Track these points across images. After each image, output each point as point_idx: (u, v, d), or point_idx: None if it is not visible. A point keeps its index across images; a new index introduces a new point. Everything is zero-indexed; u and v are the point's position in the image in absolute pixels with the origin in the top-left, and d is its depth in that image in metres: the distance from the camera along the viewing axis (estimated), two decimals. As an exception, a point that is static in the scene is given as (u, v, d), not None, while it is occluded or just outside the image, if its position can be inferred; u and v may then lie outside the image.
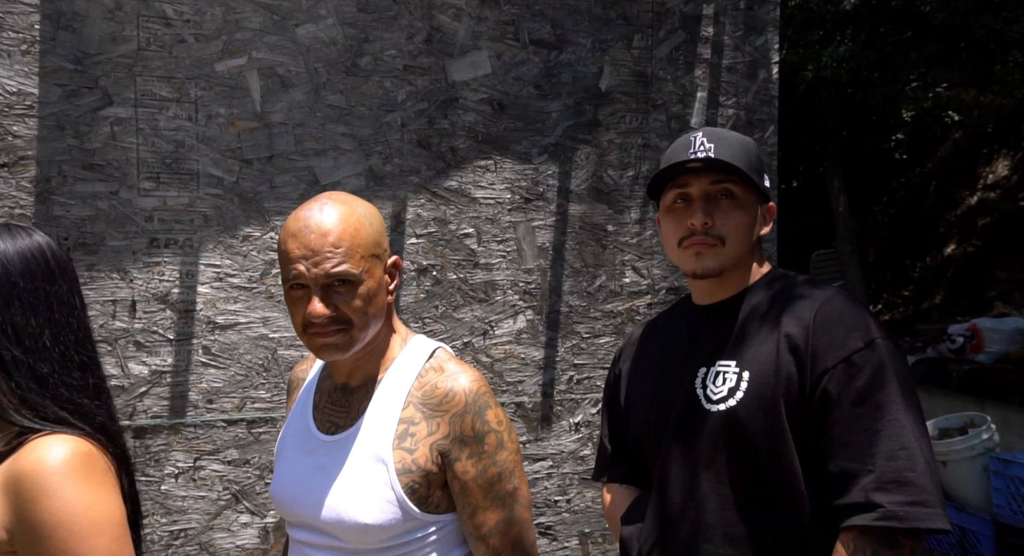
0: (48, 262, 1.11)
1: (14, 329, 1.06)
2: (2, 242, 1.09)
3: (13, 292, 1.07)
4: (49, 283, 1.10)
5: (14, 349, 1.06)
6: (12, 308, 1.07)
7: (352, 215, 1.16)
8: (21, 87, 2.00)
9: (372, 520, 1.14)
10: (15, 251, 1.09)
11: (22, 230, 1.13)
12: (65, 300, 1.12)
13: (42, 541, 0.99)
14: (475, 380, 1.19)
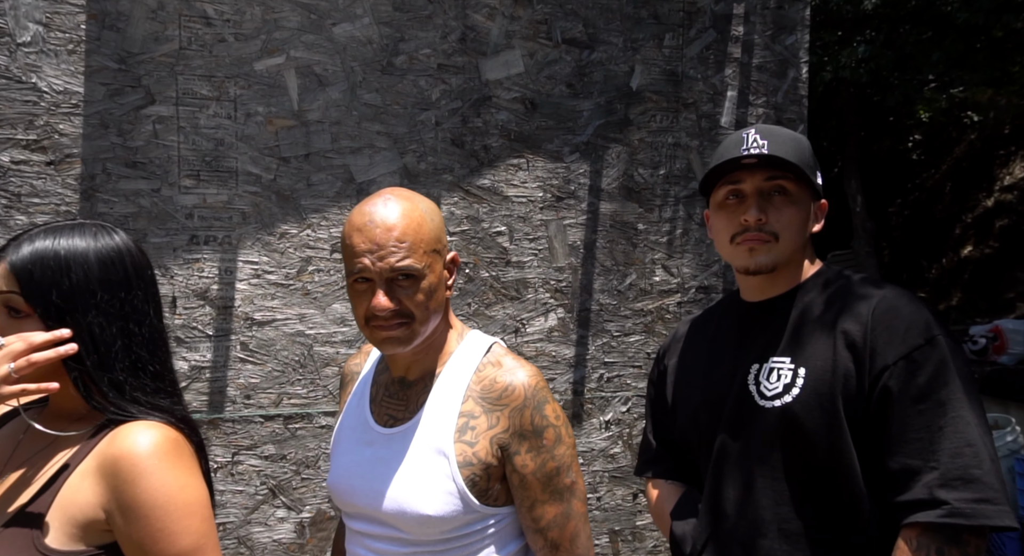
0: (126, 268, 1.13)
1: (91, 337, 1.08)
2: (84, 243, 1.11)
3: (91, 301, 1.09)
4: (125, 291, 1.12)
5: (93, 355, 1.08)
6: (90, 316, 1.08)
7: (415, 210, 1.18)
8: (67, 86, 2.02)
9: (434, 512, 1.15)
10: (96, 257, 1.10)
11: (104, 231, 1.13)
12: (139, 308, 1.13)
13: (139, 520, 1.03)
14: (533, 375, 1.21)
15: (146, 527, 1.03)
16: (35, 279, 1.06)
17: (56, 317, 1.07)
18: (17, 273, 1.06)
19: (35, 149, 2.01)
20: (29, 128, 2.00)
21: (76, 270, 1.08)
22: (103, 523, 1.04)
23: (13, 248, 1.09)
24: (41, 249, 1.08)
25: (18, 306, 1.07)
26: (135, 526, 1.03)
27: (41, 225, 1.12)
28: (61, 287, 1.07)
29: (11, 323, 1.07)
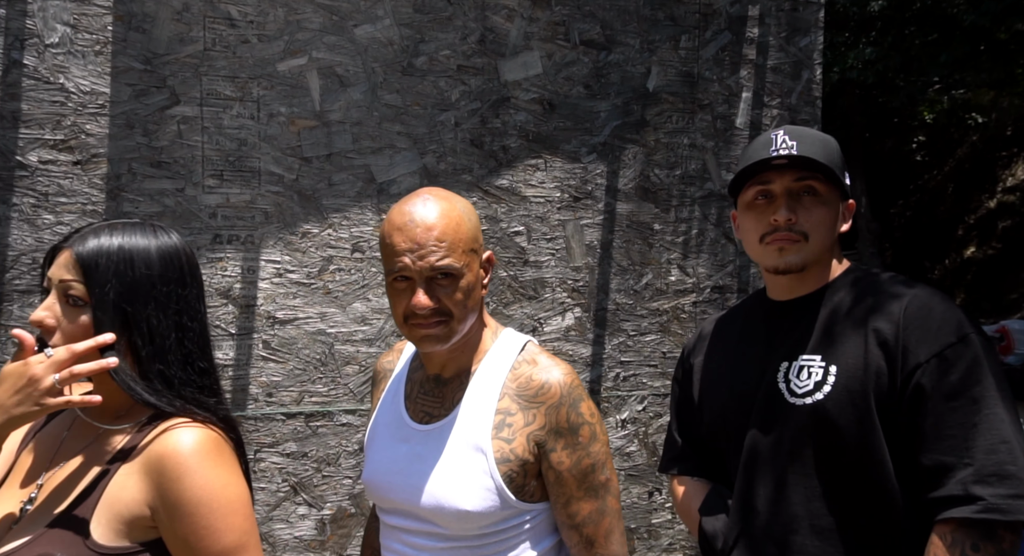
0: (183, 266, 1.16)
1: (148, 328, 1.10)
2: (145, 240, 1.13)
3: (151, 293, 1.11)
4: (181, 287, 1.15)
5: (148, 345, 1.10)
6: (149, 308, 1.11)
7: (453, 210, 1.20)
8: (94, 87, 2.04)
9: (472, 507, 1.17)
10: (156, 252, 1.13)
11: (163, 230, 1.16)
12: (192, 304, 1.16)
13: (184, 517, 1.04)
14: (568, 373, 1.23)
15: (191, 524, 1.05)
16: (100, 269, 1.09)
17: (114, 308, 1.09)
18: (83, 262, 1.08)
19: (62, 149, 2.03)
20: (57, 128, 2.02)
21: (139, 263, 1.11)
22: (148, 520, 1.06)
23: (78, 240, 1.11)
24: (106, 241, 1.11)
25: (79, 295, 1.08)
26: (180, 523, 1.05)
27: (102, 221, 1.15)
28: (124, 278, 1.10)
29: (69, 311, 1.09)
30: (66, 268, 1.09)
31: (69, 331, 1.09)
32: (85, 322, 1.09)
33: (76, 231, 1.13)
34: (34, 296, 2.02)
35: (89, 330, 1.09)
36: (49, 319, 1.09)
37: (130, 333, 1.10)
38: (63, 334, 1.09)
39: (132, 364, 1.10)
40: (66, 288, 1.09)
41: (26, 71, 1.98)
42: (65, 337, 1.08)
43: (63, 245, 1.12)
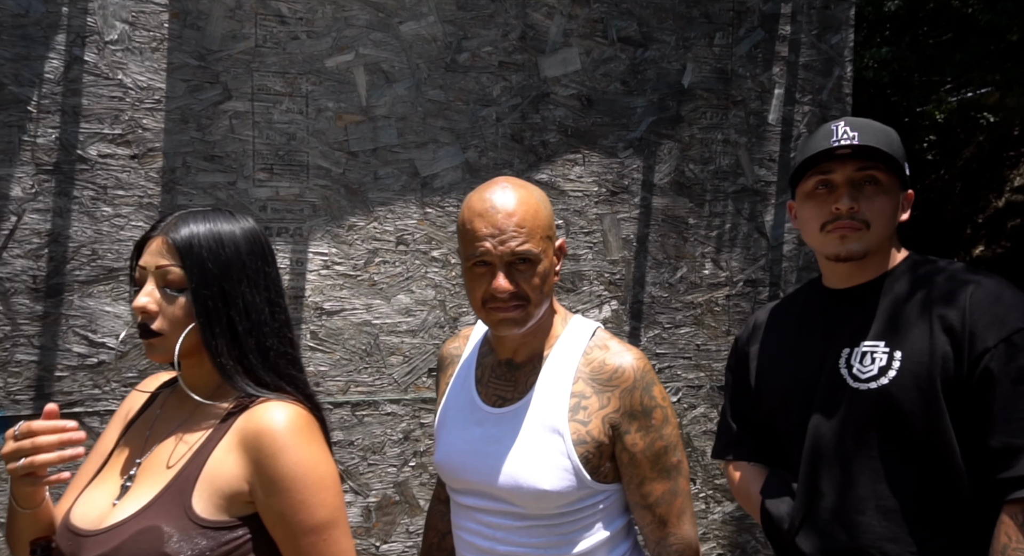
0: (264, 245, 1.20)
1: (244, 303, 1.14)
2: (229, 224, 1.17)
3: (244, 271, 1.15)
4: (267, 264, 1.19)
5: (245, 321, 1.14)
6: (242, 285, 1.15)
7: (531, 197, 1.24)
8: (150, 82, 2.09)
9: (550, 487, 1.21)
10: (241, 233, 1.17)
11: (239, 214, 1.20)
12: (276, 281, 1.20)
13: (280, 492, 1.07)
14: (640, 358, 1.27)
15: (287, 499, 1.07)
16: (194, 252, 1.12)
17: (212, 287, 1.12)
18: (178, 246, 1.12)
19: (120, 143, 2.08)
20: (115, 123, 2.07)
21: (228, 244, 1.15)
22: (246, 495, 1.09)
23: (167, 227, 1.14)
24: (195, 226, 1.14)
25: (175, 281, 1.12)
26: (276, 498, 1.07)
27: (183, 211, 1.18)
28: (218, 258, 1.13)
29: (168, 296, 1.12)
30: (161, 255, 1.12)
31: (171, 315, 1.12)
32: (185, 304, 1.12)
33: (159, 221, 1.17)
34: (93, 286, 2.07)
35: (189, 312, 1.13)
36: (151, 305, 1.12)
37: (228, 310, 1.13)
38: (165, 318, 1.12)
39: (229, 342, 1.13)
40: (164, 273, 1.12)
41: (87, 67, 2.03)
42: (167, 321, 1.12)
43: (152, 235, 1.15)
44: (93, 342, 2.07)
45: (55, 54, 2.01)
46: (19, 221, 1.99)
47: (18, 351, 2.00)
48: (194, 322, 1.13)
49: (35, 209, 2.01)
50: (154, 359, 1.16)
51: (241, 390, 1.14)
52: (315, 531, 1.08)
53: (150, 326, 1.12)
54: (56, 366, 2.03)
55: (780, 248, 2.83)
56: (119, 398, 2.09)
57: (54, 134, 2.00)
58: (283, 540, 1.09)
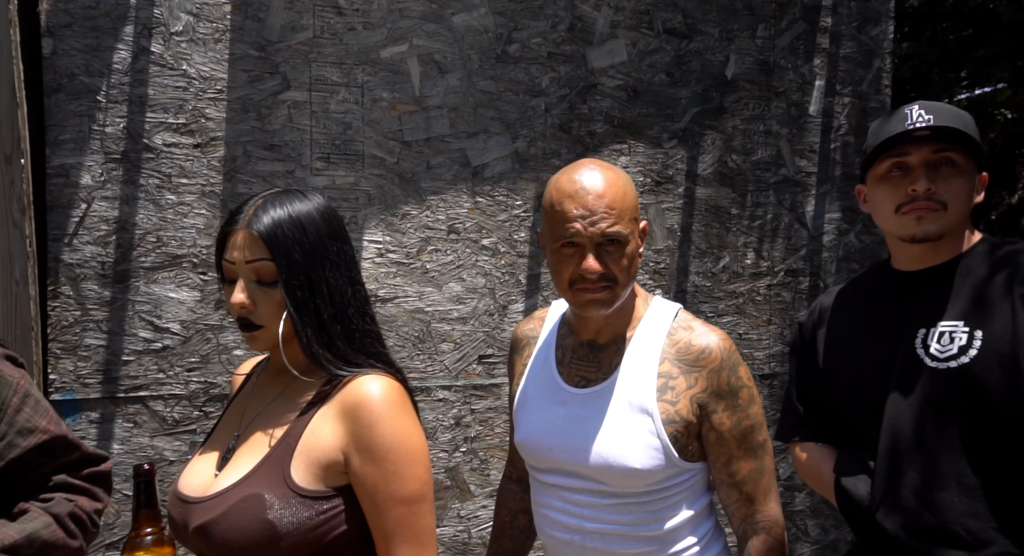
0: (339, 223, 1.20)
1: (328, 288, 1.15)
2: (305, 207, 1.16)
3: (326, 255, 1.15)
4: (345, 243, 1.20)
5: (330, 306, 1.15)
6: (326, 270, 1.15)
7: (619, 179, 1.27)
8: (213, 72, 2.13)
9: (640, 465, 1.23)
10: (318, 214, 1.17)
11: (311, 193, 1.20)
12: (352, 258, 1.21)
13: (375, 462, 1.10)
14: (725, 338, 1.29)
15: (381, 469, 1.09)
16: (280, 241, 1.11)
17: (301, 277, 1.13)
18: (265, 238, 1.11)
19: (184, 132, 2.12)
20: (179, 112, 2.11)
21: (309, 228, 1.14)
22: (342, 465, 1.11)
23: (249, 219, 1.13)
24: (275, 214, 1.13)
25: (267, 275, 1.12)
26: (370, 467, 1.09)
27: (257, 196, 1.17)
28: (303, 246, 1.13)
29: (260, 290, 1.13)
30: (248, 249, 1.12)
31: (267, 307, 1.14)
32: (278, 298, 1.13)
33: (237, 212, 1.15)
34: (158, 272, 2.11)
35: (282, 306, 1.13)
36: (248, 301, 1.13)
37: (314, 298, 1.14)
38: (262, 311, 1.14)
39: (317, 330, 1.14)
40: (255, 268, 1.12)
41: (153, 58, 2.08)
42: (265, 313, 1.14)
43: (233, 228, 1.14)
44: (158, 327, 2.11)
45: (123, 45, 2.05)
46: (88, 208, 2.03)
47: (87, 336, 2.05)
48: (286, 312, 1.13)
49: (103, 197, 2.05)
50: (255, 348, 1.18)
51: (333, 375, 1.15)
52: (405, 502, 1.10)
53: (251, 320, 1.14)
54: (123, 351, 2.08)
55: (820, 238, 2.85)
56: (183, 383, 2.14)
57: (121, 123, 2.05)
58: (372, 510, 1.11)
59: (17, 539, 1.13)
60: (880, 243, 2.91)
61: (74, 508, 1.22)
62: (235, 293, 1.13)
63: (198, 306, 2.14)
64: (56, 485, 1.23)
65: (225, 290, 1.17)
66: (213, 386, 2.16)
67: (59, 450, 1.24)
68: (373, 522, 1.11)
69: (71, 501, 1.22)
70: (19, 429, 1.20)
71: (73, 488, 1.24)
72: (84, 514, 1.23)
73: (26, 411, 1.21)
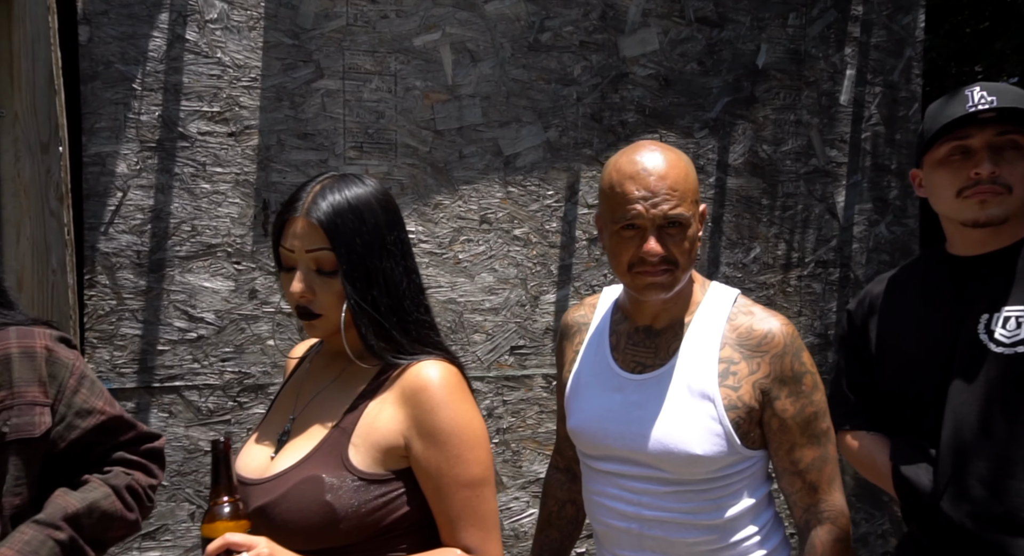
0: (396, 210, 1.18)
1: (385, 279, 1.12)
2: (362, 190, 1.13)
3: (384, 245, 1.13)
4: (401, 231, 1.17)
5: (386, 298, 1.13)
6: (383, 260, 1.12)
7: (681, 161, 1.24)
8: (247, 61, 2.12)
9: (702, 451, 1.21)
10: (375, 201, 1.13)
11: (365, 177, 1.16)
12: (408, 246, 1.18)
13: (438, 446, 1.09)
14: (787, 323, 1.27)
15: (444, 452, 1.08)
16: (340, 231, 1.09)
17: (361, 268, 1.10)
18: (325, 228, 1.08)
19: (218, 120, 2.11)
20: (214, 100, 2.10)
21: (368, 217, 1.11)
22: (402, 449, 1.10)
23: (308, 206, 1.10)
24: (334, 200, 1.10)
25: (327, 264, 1.10)
26: (433, 451, 1.08)
27: (316, 179, 1.14)
28: (363, 236, 1.10)
29: (320, 281, 1.11)
30: (308, 238, 1.09)
31: (327, 296, 1.12)
32: (337, 288, 1.11)
33: (295, 200, 1.12)
34: (192, 262, 2.10)
35: (341, 295, 1.11)
36: (308, 291, 1.11)
37: (371, 290, 1.11)
38: (321, 303, 1.12)
39: (374, 322, 1.12)
40: (315, 258, 1.10)
41: (188, 46, 2.06)
42: (325, 302, 1.12)
43: (292, 215, 1.11)
44: (192, 317, 2.11)
45: (158, 33, 2.04)
46: (124, 197, 2.02)
47: (123, 325, 2.04)
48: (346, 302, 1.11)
49: (139, 185, 2.04)
50: (313, 336, 1.17)
51: (390, 363, 1.13)
52: (469, 486, 1.09)
53: (311, 309, 1.12)
54: (158, 340, 2.07)
55: (850, 229, 2.83)
56: (217, 373, 2.13)
57: (157, 111, 2.04)
58: (435, 494, 1.10)
59: (79, 507, 1.14)
60: (910, 234, 2.89)
61: (131, 482, 1.22)
62: (294, 283, 1.11)
63: (232, 296, 2.13)
64: (114, 460, 1.23)
65: (282, 278, 1.16)
66: (247, 376, 2.15)
67: (116, 429, 1.24)
68: (436, 506, 1.11)
69: (128, 474, 1.22)
70: (77, 410, 1.20)
71: (130, 463, 1.25)
72: (140, 488, 1.24)
73: (83, 392, 1.21)
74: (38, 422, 1.15)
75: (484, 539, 1.10)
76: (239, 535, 1.00)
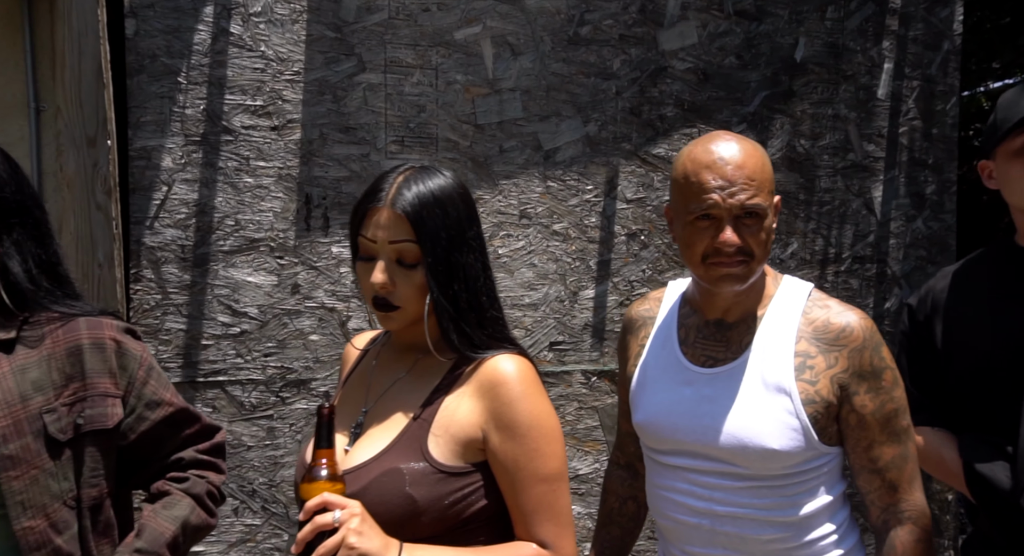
0: (474, 204, 1.17)
1: (465, 274, 1.11)
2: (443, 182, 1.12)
3: (465, 239, 1.12)
4: (478, 226, 1.16)
5: (465, 292, 1.11)
6: (464, 255, 1.11)
7: (757, 150, 1.22)
8: (290, 54, 2.11)
9: (779, 446, 1.19)
10: (455, 193, 1.12)
11: (444, 171, 1.15)
12: (484, 243, 1.17)
13: (516, 439, 1.08)
14: (865, 317, 1.24)
15: (522, 445, 1.07)
16: (426, 223, 1.08)
17: (444, 262, 1.09)
18: (411, 219, 1.07)
19: (262, 114, 2.09)
20: (257, 94, 2.09)
21: (451, 210, 1.10)
22: (480, 442, 1.09)
23: (392, 196, 1.09)
24: (419, 191, 1.09)
25: (411, 256, 1.09)
26: (511, 444, 1.07)
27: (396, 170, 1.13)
28: (448, 229, 1.09)
29: (402, 272, 1.10)
30: (393, 229, 1.08)
31: (407, 288, 1.10)
32: (419, 281, 1.10)
33: (376, 188, 1.11)
34: (235, 256, 2.09)
35: (423, 288, 1.10)
36: (389, 282, 1.10)
37: (452, 284, 1.10)
38: (401, 295, 1.11)
39: (454, 316, 1.11)
40: (399, 249, 1.09)
41: (232, 39, 2.05)
42: (404, 295, 1.11)
43: (375, 204, 1.10)
44: (236, 311, 2.10)
45: (203, 26, 2.03)
46: (169, 191, 2.01)
47: (168, 319, 2.03)
48: (429, 295, 1.10)
49: (183, 180, 2.03)
50: (388, 328, 1.15)
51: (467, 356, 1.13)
52: (546, 480, 1.09)
53: (390, 301, 1.11)
54: (202, 335, 2.06)
55: (887, 224, 2.80)
56: (260, 368, 2.12)
57: (201, 105, 2.03)
58: (511, 487, 1.09)
59: (175, 530, 1.15)
60: (947, 230, 2.86)
61: (208, 486, 1.22)
62: (375, 273, 1.10)
63: (275, 290, 2.12)
64: (188, 462, 1.22)
65: (359, 267, 1.14)
66: (289, 371, 2.15)
67: (183, 422, 1.23)
68: (512, 500, 1.10)
69: (203, 478, 1.22)
70: (147, 402, 1.19)
71: (203, 464, 1.24)
72: (215, 489, 1.23)
73: (152, 384, 1.20)
74: (111, 413, 1.14)
75: (559, 534, 1.09)
76: (336, 496, 1.00)
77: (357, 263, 1.15)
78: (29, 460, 1.06)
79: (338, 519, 0.98)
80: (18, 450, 1.06)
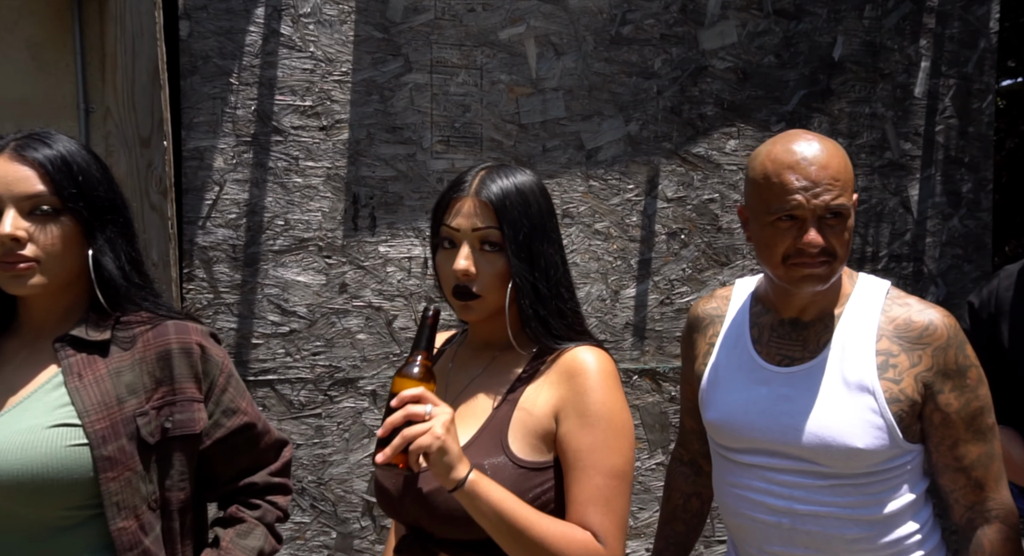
0: (551, 199, 1.19)
1: (545, 264, 1.13)
2: (524, 177, 1.15)
3: (545, 230, 1.14)
4: (556, 219, 1.19)
5: (545, 282, 1.13)
6: (544, 245, 1.13)
7: (839, 150, 1.22)
8: (338, 54, 2.12)
9: (864, 445, 1.19)
10: (537, 188, 1.16)
11: (524, 168, 1.19)
12: (560, 235, 1.20)
13: (585, 428, 1.08)
14: (948, 315, 1.24)
15: (591, 435, 1.08)
16: (509, 211, 1.10)
17: (526, 250, 1.11)
18: (495, 207, 1.10)
19: (310, 115, 2.10)
20: (306, 95, 2.09)
21: (532, 201, 1.13)
22: (554, 433, 1.10)
23: (478, 186, 1.12)
24: (503, 183, 1.12)
25: (495, 241, 1.11)
26: (580, 432, 1.08)
27: (477, 166, 1.16)
28: (531, 218, 1.12)
29: (485, 259, 1.12)
30: (477, 217, 1.11)
31: (488, 277, 1.12)
32: (501, 268, 1.12)
33: (459, 181, 1.14)
34: (285, 256, 2.10)
35: (505, 276, 1.12)
36: (472, 268, 1.11)
37: (533, 272, 1.12)
38: (482, 283, 1.12)
39: (534, 304, 1.12)
40: (483, 236, 1.11)
41: (282, 40, 2.06)
42: (485, 284, 1.12)
43: (459, 195, 1.13)
44: (285, 311, 2.11)
45: (254, 27, 2.03)
46: (221, 191, 2.02)
47: (220, 318, 2.04)
48: (510, 284, 1.12)
49: (235, 180, 2.04)
50: (467, 318, 1.16)
51: (547, 348, 1.14)
52: (608, 475, 1.08)
53: (471, 289, 1.12)
54: (252, 334, 2.07)
55: (924, 223, 2.80)
56: (308, 367, 2.13)
57: (252, 106, 2.03)
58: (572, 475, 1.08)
59: None
60: (983, 228, 2.86)
61: (277, 513, 1.24)
62: (459, 259, 1.11)
63: (323, 290, 2.13)
64: (261, 488, 1.24)
65: (440, 256, 1.16)
66: (337, 370, 2.15)
67: (255, 434, 1.23)
68: (571, 489, 1.08)
69: (274, 504, 1.24)
70: (224, 409, 1.20)
71: (274, 488, 1.25)
72: (283, 513, 1.26)
73: (231, 391, 1.21)
74: (197, 418, 1.15)
75: (610, 531, 1.07)
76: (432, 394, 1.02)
77: (438, 254, 1.17)
78: (124, 462, 1.07)
79: (429, 412, 1.00)
80: (115, 451, 1.06)
